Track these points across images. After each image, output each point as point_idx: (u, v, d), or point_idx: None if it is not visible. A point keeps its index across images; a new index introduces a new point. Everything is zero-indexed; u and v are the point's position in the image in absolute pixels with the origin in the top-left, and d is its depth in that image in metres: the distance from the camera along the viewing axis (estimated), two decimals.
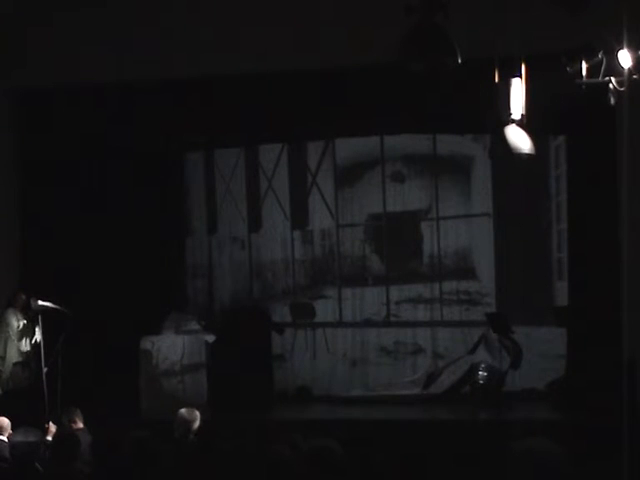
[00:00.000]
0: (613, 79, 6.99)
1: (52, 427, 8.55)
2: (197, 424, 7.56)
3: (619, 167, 9.50)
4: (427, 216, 12.52)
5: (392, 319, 12.64)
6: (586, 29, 7.67)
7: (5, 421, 8.12)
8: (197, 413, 7.69)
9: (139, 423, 9.41)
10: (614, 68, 6.91)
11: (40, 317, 10.41)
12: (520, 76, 8.02)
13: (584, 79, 7.18)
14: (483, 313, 11.96)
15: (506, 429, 9.32)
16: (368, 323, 12.67)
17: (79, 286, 11.46)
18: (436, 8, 7.19)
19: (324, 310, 12.83)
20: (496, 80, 8.08)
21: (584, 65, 7.15)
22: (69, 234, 11.73)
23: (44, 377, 10.19)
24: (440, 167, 12.47)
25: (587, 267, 10.63)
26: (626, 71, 6.69)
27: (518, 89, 8.05)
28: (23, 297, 10.98)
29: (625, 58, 6.71)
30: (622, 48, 6.65)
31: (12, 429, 8.11)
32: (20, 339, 10.96)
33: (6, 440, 7.96)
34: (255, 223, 13.04)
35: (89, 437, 7.82)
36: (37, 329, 10.54)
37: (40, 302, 10.41)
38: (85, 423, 8.40)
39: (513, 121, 8.15)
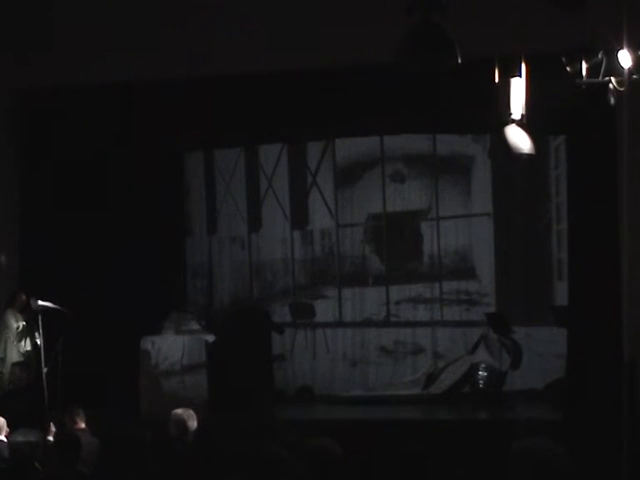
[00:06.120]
0: (613, 79, 7.00)
1: (53, 427, 8.54)
2: (194, 423, 7.54)
3: (619, 167, 9.51)
4: (427, 216, 12.52)
5: (392, 319, 12.63)
6: (586, 29, 7.69)
7: (1, 420, 8.11)
8: (192, 412, 7.66)
9: (139, 423, 9.43)
10: (614, 68, 6.92)
11: (40, 317, 10.41)
12: (520, 76, 8.03)
13: (584, 79, 7.19)
14: (483, 313, 11.97)
15: (506, 429, 9.31)
16: (368, 323, 12.67)
17: (79, 286, 11.45)
18: (436, 8, 7.20)
19: (324, 310, 12.83)
20: (496, 80, 8.09)
21: (584, 65, 7.17)
22: (69, 234, 11.72)
23: (44, 377, 10.19)
24: (440, 167, 12.47)
25: (587, 267, 10.62)
26: (626, 71, 6.70)
27: (518, 89, 8.06)
28: (23, 297, 10.97)
29: (625, 58, 6.72)
30: (622, 48, 6.67)
31: (12, 429, 8.11)
32: (20, 340, 10.95)
33: (5, 440, 7.95)
34: (255, 223, 13.03)
35: (90, 437, 7.83)
36: (37, 329, 10.54)
37: (40, 302, 10.42)
38: (87, 423, 8.39)
39: (513, 121, 8.17)
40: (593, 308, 10.43)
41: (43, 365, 10.30)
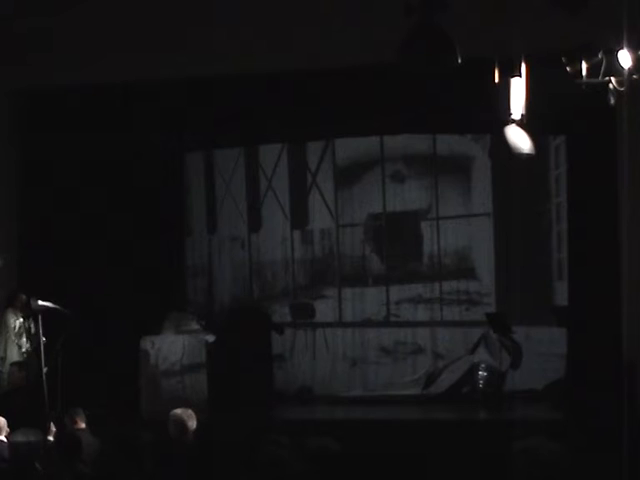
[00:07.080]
0: (613, 79, 6.99)
1: (53, 427, 8.54)
2: (194, 423, 7.52)
3: (619, 167, 9.51)
4: (427, 216, 12.51)
5: (392, 319, 12.63)
6: (586, 29, 7.69)
7: (1, 420, 8.11)
8: (192, 412, 7.64)
9: (139, 423, 9.43)
10: (614, 68, 6.92)
11: (40, 317, 10.41)
12: (520, 76, 8.02)
13: (584, 79, 7.18)
14: (483, 313, 11.96)
15: (506, 429, 9.32)
16: (368, 323, 12.66)
17: (79, 286, 11.45)
18: (436, 8, 7.20)
19: (324, 310, 12.82)
20: (496, 80, 8.08)
21: (584, 65, 7.16)
22: (69, 234, 11.73)
23: (44, 377, 10.18)
24: (440, 167, 12.46)
25: (587, 267, 10.63)
26: (626, 71, 6.70)
27: (518, 89, 8.06)
28: (23, 297, 10.97)
29: (625, 58, 6.71)
30: (622, 48, 6.66)
31: (12, 429, 8.11)
32: (20, 339, 10.96)
33: (5, 440, 7.95)
34: (255, 223, 13.03)
35: (91, 437, 7.83)
36: (37, 329, 10.54)
37: (40, 302, 10.40)
38: (87, 423, 8.39)
39: (513, 121, 8.16)
40: (593, 308, 10.44)
41: (43, 365, 10.30)
